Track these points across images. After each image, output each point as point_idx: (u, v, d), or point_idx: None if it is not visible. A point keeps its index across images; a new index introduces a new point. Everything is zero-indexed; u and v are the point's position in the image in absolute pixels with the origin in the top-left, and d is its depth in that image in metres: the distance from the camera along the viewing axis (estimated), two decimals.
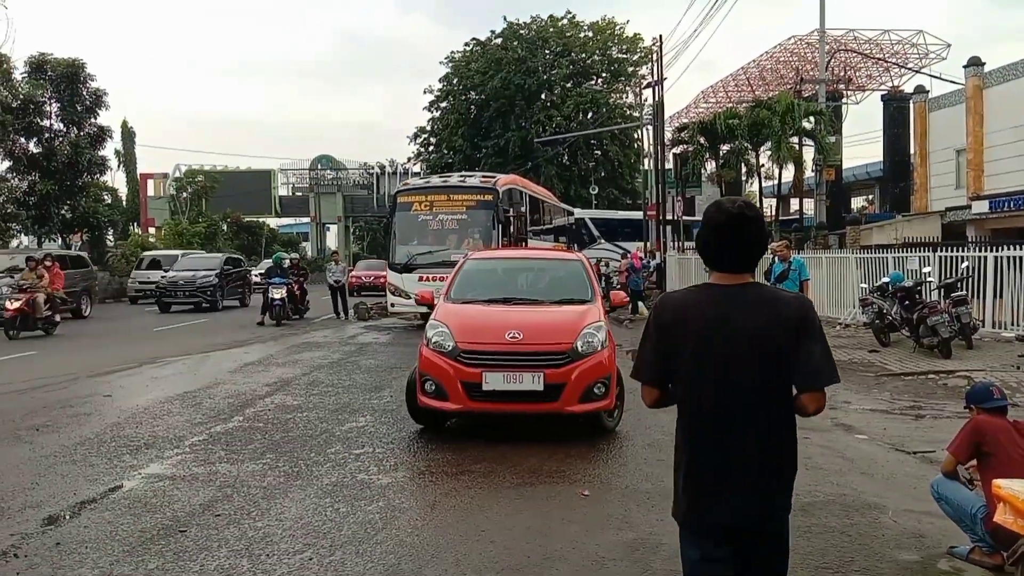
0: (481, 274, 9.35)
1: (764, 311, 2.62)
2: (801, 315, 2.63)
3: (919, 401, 9.70)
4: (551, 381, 7.16)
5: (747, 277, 2.72)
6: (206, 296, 25.82)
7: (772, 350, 2.59)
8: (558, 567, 4.51)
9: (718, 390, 2.63)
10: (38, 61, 33.00)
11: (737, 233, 2.67)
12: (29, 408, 9.26)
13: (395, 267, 18.74)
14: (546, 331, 7.56)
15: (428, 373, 7.48)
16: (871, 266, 17.42)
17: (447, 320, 7.78)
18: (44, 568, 4.50)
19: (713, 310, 2.66)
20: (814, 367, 2.61)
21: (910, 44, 38.84)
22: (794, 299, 2.75)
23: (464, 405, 7.35)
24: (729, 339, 2.61)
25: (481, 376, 7.18)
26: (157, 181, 57.63)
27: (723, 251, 2.70)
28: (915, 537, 5.03)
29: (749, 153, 32.31)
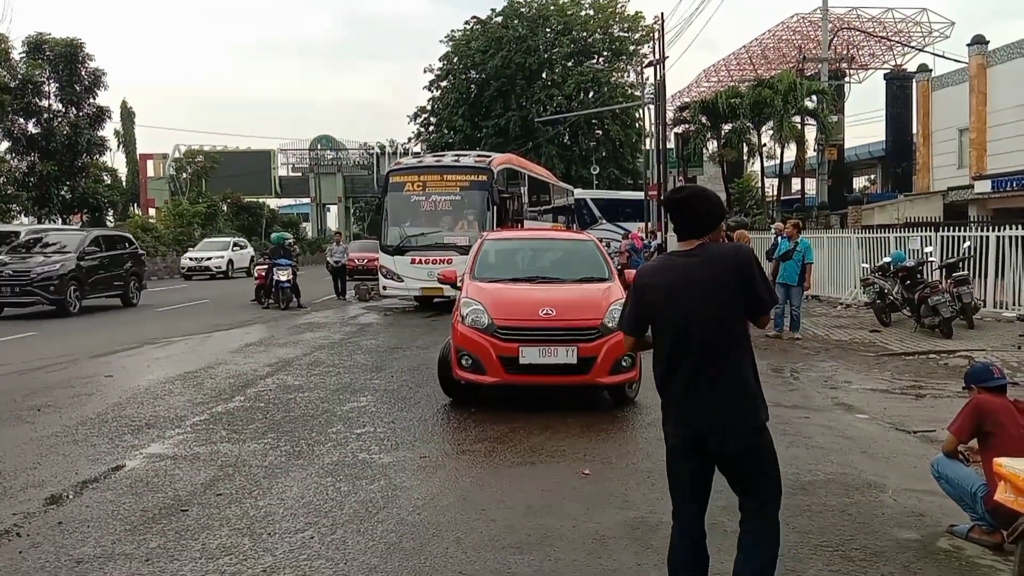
0: (500, 254, 9.72)
1: (715, 263, 3.35)
2: (744, 262, 3.38)
3: (920, 381, 9.70)
4: (584, 355, 7.55)
5: (697, 242, 3.42)
6: (46, 295, 17.51)
7: (725, 292, 3.31)
8: (558, 545, 4.53)
9: (687, 329, 3.32)
10: (36, 41, 32.85)
11: (685, 210, 3.43)
12: (30, 388, 9.28)
13: (387, 249, 18.41)
14: (576, 308, 7.93)
15: (465, 348, 7.81)
16: (873, 246, 17.40)
17: (480, 297, 8.10)
18: (47, 547, 4.52)
19: (678, 269, 3.41)
20: (761, 296, 3.37)
21: (913, 22, 38.63)
22: (735, 250, 3.49)
23: (501, 378, 7.70)
24: (690, 288, 3.33)
25: (518, 350, 7.56)
26: (157, 161, 57.47)
27: (678, 224, 3.48)
28: (915, 516, 5.04)
29: (751, 132, 32.16)
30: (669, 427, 3.43)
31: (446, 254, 17.31)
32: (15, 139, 32.50)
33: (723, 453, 3.32)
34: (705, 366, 3.29)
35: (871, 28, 38.86)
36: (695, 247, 3.40)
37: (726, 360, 3.30)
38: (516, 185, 21.09)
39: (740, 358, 3.33)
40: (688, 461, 3.38)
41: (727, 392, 3.29)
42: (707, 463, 3.37)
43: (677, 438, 3.39)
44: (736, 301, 3.32)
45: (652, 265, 3.69)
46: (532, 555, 4.39)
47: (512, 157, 23.16)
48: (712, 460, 3.36)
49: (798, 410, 8.00)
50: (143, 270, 22.26)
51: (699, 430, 3.31)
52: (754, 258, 3.47)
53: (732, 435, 3.29)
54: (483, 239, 10.12)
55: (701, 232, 3.42)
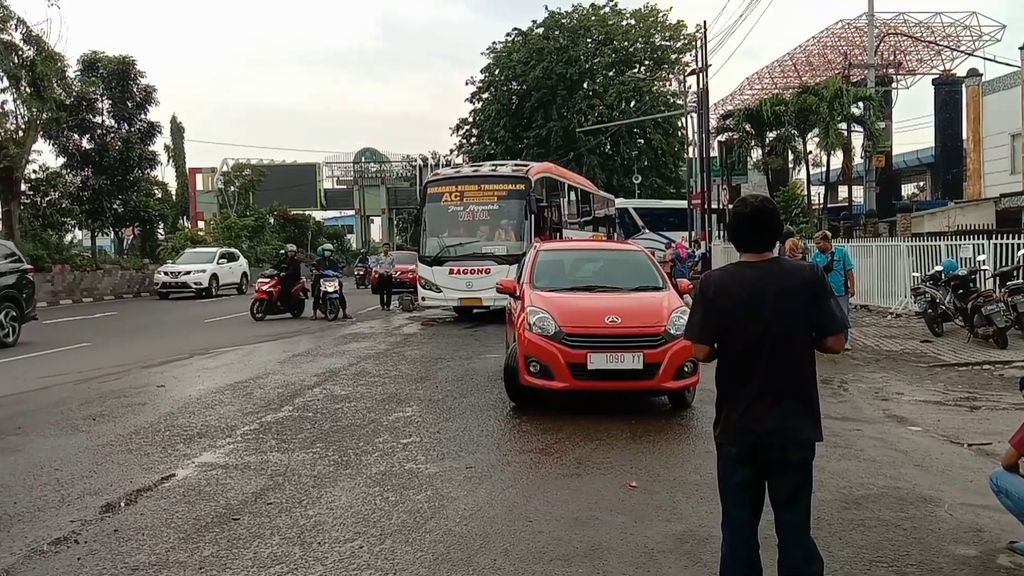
0: (556, 264, 9.93)
1: (789, 278, 3.40)
2: (817, 280, 3.43)
3: (974, 392, 9.47)
4: (649, 360, 7.80)
5: (769, 254, 3.48)
6: None
7: (796, 307, 3.35)
8: (606, 558, 4.50)
9: (759, 341, 3.35)
10: (90, 59, 33.74)
11: (756, 222, 3.45)
12: (85, 398, 9.50)
13: (425, 260, 18.38)
14: (640, 315, 8.21)
15: (533, 355, 8.06)
16: (923, 254, 17.05)
17: (546, 306, 8.38)
18: (103, 554, 4.61)
19: (751, 281, 3.42)
20: (832, 317, 3.39)
21: (962, 26, 37.84)
22: (809, 268, 3.55)
23: (569, 383, 7.95)
24: (765, 300, 3.36)
25: (586, 357, 7.81)
26: (205, 175, 58.53)
27: (746, 236, 3.48)
28: (973, 531, 4.91)
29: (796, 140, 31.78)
30: (727, 435, 3.45)
31: (484, 264, 17.32)
32: (70, 155, 33.36)
33: (780, 465, 3.36)
34: (773, 378, 3.34)
35: (919, 33, 38.17)
36: (768, 259, 3.46)
37: (794, 374, 3.36)
38: (555, 195, 20.91)
39: (807, 374, 3.40)
40: (742, 468, 3.41)
41: (792, 406, 3.35)
42: (760, 473, 3.40)
43: (735, 446, 3.42)
44: (806, 317, 3.36)
45: (722, 274, 3.65)
46: (580, 567, 4.38)
47: (550, 166, 22.97)
48: (765, 471, 3.39)
49: (849, 422, 7.86)
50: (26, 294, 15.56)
51: (760, 441, 3.36)
52: (824, 277, 3.53)
53: (793, 448, 3.35)
54: (537, 249, 10.34)
55: (770, 244, 3.48)
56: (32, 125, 27.76)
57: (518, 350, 8.28)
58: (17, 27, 25.26)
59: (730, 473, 3.47)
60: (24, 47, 25.57)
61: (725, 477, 3.50)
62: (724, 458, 3.49)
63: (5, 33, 25.01)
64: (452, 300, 18.01)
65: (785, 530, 3.42)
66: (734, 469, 3.44)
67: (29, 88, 25.74)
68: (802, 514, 3.41)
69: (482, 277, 17.17)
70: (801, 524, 3.41)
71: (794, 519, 3.40)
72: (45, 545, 4.77)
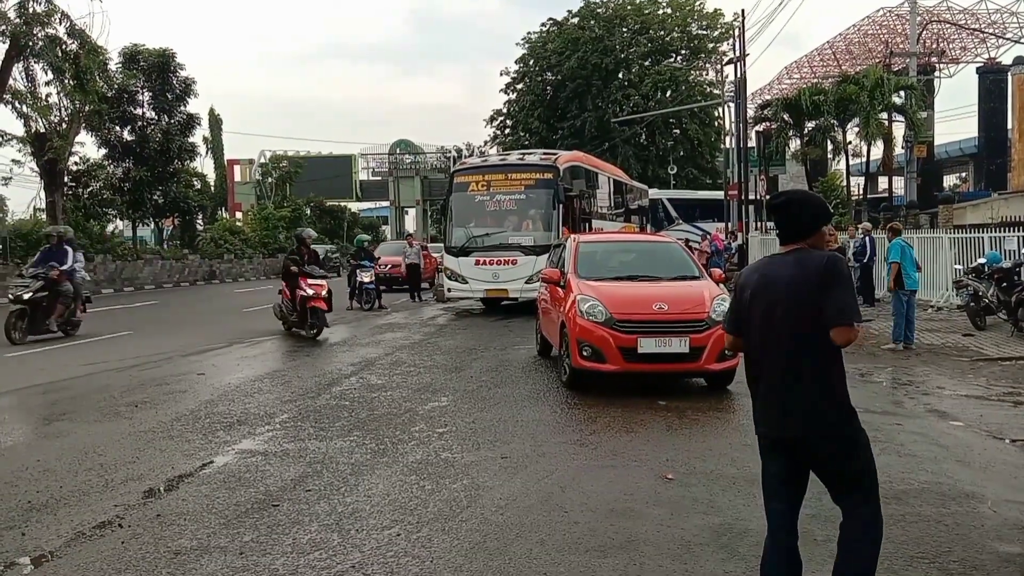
0: (597, 255, 10.41)
1: (802, 267, 3.34)
2: (827, 267, 3.29)
3: (1017, 387, 9.28)
4: (695, 344, 8.31)
5: (796, 245, 3.44)
6: None
7: (807, 297, 3.28)
8: (643, 550, 4.49)
9: (765, 332, 3.40)
10: (131, 52, 34.29)
11: (783, 215, 3.49)
12: (127, 386, 9.68)
13: (451, 250, 18.13)
14: (684, 302, 8.70)
15: (586, 340, 8.57)
16: (965, 246, 16.72)
17: (595, 294, 8.86)
18: (146, 538, 4.71)
19: (767, 270, 3.50)
20: (838, 306, 3.22)
21: (1009, 13, 37.02)
22: (822, 255, 3.40)
23: (620, 366, 8.44)
24: (775, 289, 3.38)
25: (636, 341, 8.32)
26: (243, 167, 59.32)
27: (778, 227, 3.55)
28: (1018, 529, 4.82)
29: (836, 130, 31.37)
30: (756, 425, 3.53)
31: (511, 255, 17.16)
32: (111, 146, 33.96)
33: (809, 455, 3.36)
34: (787, 368, 3.34)
35: (963, 20, 37.42)
36: (791, 250, 3.46)
37: (808, 364, 3.31)
38: (585, 184, 20.43)
39: (824, 363, 3.31)
40: (775, 457, 3.45)
41: (807, 396, 3.30)
42: (795, 462, 3.40)
43: (760, 436, 3.52)
44: (814, 303, 3.27)
45: (752, 266, 3.78)
46: (616, 559, 4.37)
47: (580, 155, 22.50)
48: (800, 460, 3.39)
49: (889, 416, 7.75)
50: None
51: (780, 431, 3.39)
52: (843, 267, 3.41)
53: (812, 439, 3.32)
54: (576, 241, 10.70)
55: (799, 236, 3.45)
56: (75, 117, 28.28)
57: (570, 335, 8.76)
58: (61, 21, 25.71)
59: (765, 463, 3.51)
60: (68, 40, 26.02)
61: (762, 466, 3.55)
62: (760, 448, 3.55)
63: (50, 27, 25.46)
64: (478, 292, 17.84)
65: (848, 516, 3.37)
66: (768, 458, 3.49)
67: (73, 81, 26.21)
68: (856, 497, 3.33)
69: (509, 268, 17.06)
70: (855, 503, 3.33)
71: (848, 503, 3.35)
72: (89, 529, 4.88)
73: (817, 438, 3.31)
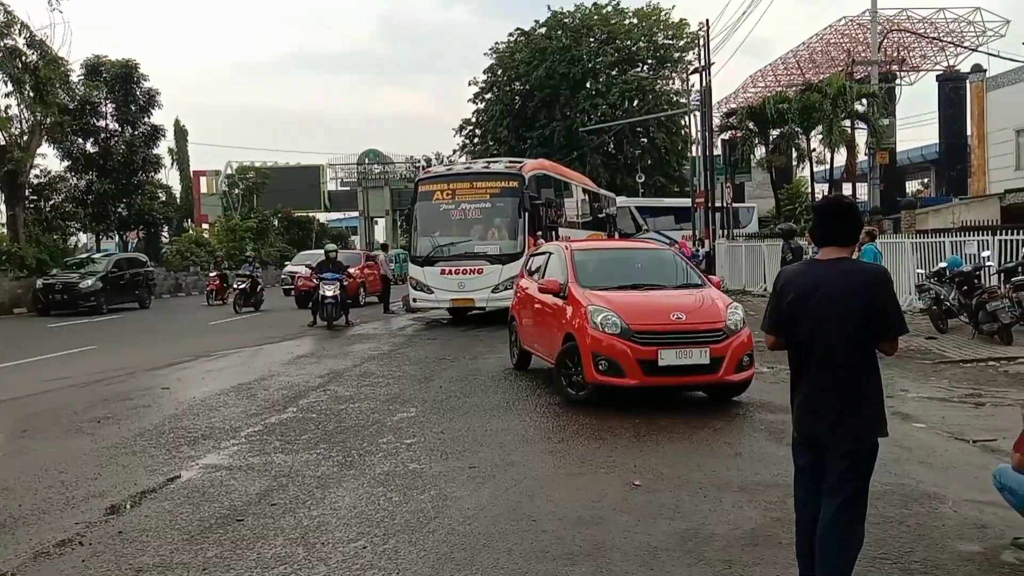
0: (595, 263, 9.88)
1: (851, 278, 3.50)
2: (880, 282, 3.53)
3: (979, 389, 9.44)
4: (715, 355, 7.99)
5: (842, 252, 3.59)
6: None
7: (854, 309, 3.44)
8: (610, 556, 4.50)
9: (812, 336, 3.54)
10: (94, 63, 33.85)
11: (838, 220, 3.60)
12: (90, 401, 9.52)
13: (416, 260, 17.95)
14: (701, 312, 8.38)
15: (602, 352, 8.12)
16: (927, 251, 16.99)
17: (607, 304, 8.41)
18: (108, 556, 4.62)
19: (814, 276, 3.59)
20: (889, 322, 3.49)
21: (966, 22, 37.81)
22: (872, 270, 3.64)
23: (640, 380, 8.05)
24: (819, 300, 3.50)
25: (656, 353, 7.94)
26: (209, 178, 58.67)
27: (825, 232, 3.62)
28: (977, 527, 4.90)
29: (800, 137, 31.72)
30: (793, 421, 3.76)
31: (476, 264, 17.02)
32: (74, 158, 33.46)
33: (831, 454, 3.55)
34: (827, 373, 3.53)
35: (922, 29, 38.12)
36: (837, 258, 3.59)
37: (847, 371, 3.50)
38: (551, 192, 20.33)
39: (862, 371, 3.51)
40: (804, 452, 3.71)
41: (840, 402, 3.50)
42: (820, 460, 3.62)
43: (796, 432, 3.75)
44: (863, 318, 3.46)
45: (794, 269, 3.87)
46: (583, 566, 4.37)
47: (545, 163, 22.41)
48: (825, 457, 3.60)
49: None
50: None
51: (812, 433, 3.63)
52: (891, 282, 3.66)
53: (840, 441, 3.52)
54: (569, 248, 10.18)
55: (847, 242, 3.62)
56: (36, 129, 27.84)
57: (581, 349, 8.32)
58: (20, 32, 25.29)
59: (796, 455, 3.78)
60: (28, 51, 25.62)
61: (793, 458, 3.81)
62: (793, 441, 3.81)
63: (8, 38, 25.05)
64: (444, 301, 17.67)
65: (822, 513, 3.57)
66: (798, 452, 3.76)
67: (32, 92, 25.80)
68: (839, 502, 3.52)
69: (475, 277, 16.94)
70: (834, 510, 3.52)
71: (830, 505, 3.54)
72: (50, 547, 4.78)
73: (843, 441, 3.51)
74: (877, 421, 3.56)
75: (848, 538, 3.54)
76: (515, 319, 11.26)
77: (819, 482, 3.63)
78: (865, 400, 3.52)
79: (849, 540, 3.55)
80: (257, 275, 24.42)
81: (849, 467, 3.53)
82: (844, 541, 3.54)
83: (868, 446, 3.56)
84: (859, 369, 3.51)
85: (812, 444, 3.64)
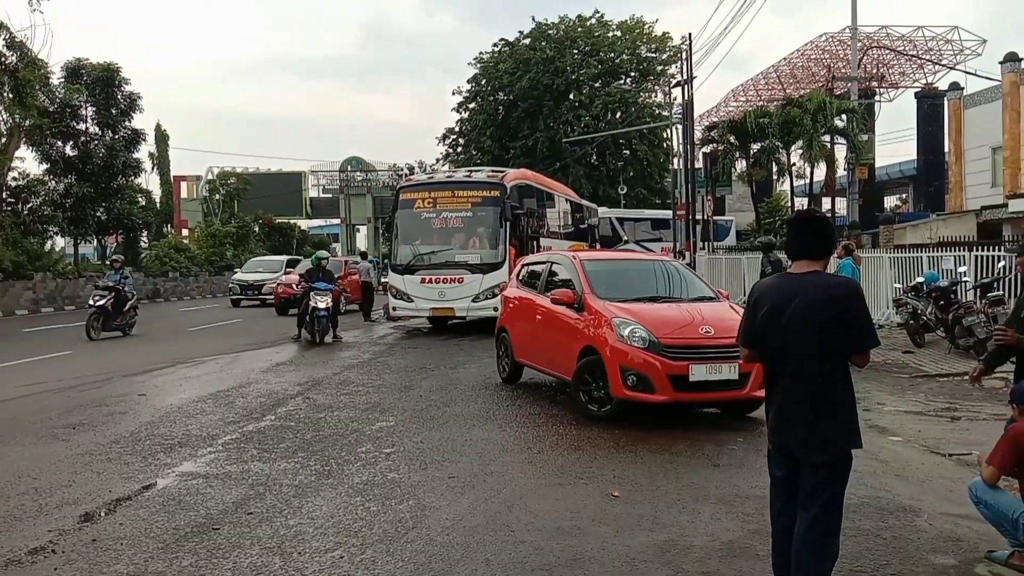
0: (606, 275, 9.45)
1: (822, 291, 3.53)
2: (853, 296, 3.57)
3: (955, 403, 9.53)
4: (743, 370, 7.72)
5: (814, 266, 3.64)
6: None
7: (827, 321, 3.48)
8: (588, 567, 4.49)
9: (784, 348, 3.58)
10: (74, 66, 33.54)
11: (810, 232, 3.67)
12: (65, 407, 9.41)
13: (396, 268, 17.84)
14: (725, 325, 7.92)
15: (630, 367, 7.86)
16: (905, 266, 17.16)
17: (632, 317, 8.15)
18: (81, 564, 4.57)
19: (786, 289, 3.63)
20: (862, 335, 3.53)
21: (944, 40, 38.32)
22: (844, 283, 3.71)
23: (670, 396, 7.82)
24: (792, 313, 3.53)
25: (687, 368, 7.73)
26: (190, 183, 58.41)
27: (799, 245, 3.69)
28: (951, 541, 4.94)
29: (780, 152, 32.01)
30: (768, 432, 3.81)
31: (457, 273, 16.93)
32: (53, 161, 33.12)
33: (805, 465, 3.60)
34: (800, 385, 3.57)
35: (901, 47, 38.60)
36: (809, 271, 3.64)
37: (820, 382, 3.54)
38: (533, 202, 20.33)
39: (835, 383, 3.55)
40: (779, 463, 3.75)
41: (812, 414, 3.54)
42: (795, 471, 3.67)
43: (770, 443, 3.80)
44: (835, 331, 3.50)
45: (767, 282, 3.94)
46: None
47: (527, 173, 22.35)
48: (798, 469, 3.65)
49: None
50: None
51: (785, 444, 3.68)
52: (860, 295, 3.70)
53: (813, 452, 3.56)
54: (578, 259, 9.81)
55: (820, 255, 3.68)
56: (14, 132, 27.58)
57: (607, 363, 8.00)
58: (0, 33, 25.08)
59: (771, 466, 3.82)
60: (7, 53, 25.41)
61: (769, 469, 3.85)
62: (768, 452, 3.84)
63: None
64: (424, 310, 17.62)
65: (797, 524, 3.61)
66: (773, 463, 3.79)
67: (12, 94, 25.57)
68: (813, 513, 3.56)
69: (455, 287, 16.87)
70: (809, 522, 3.56)
71: (804, 516, 3.58)
72: (22, 555, 4.72)
73: (815, 452, 3.56)
74: (850, 432, 3.61)
75: (823, 549, 3.57)
76: (506, 331, 10.82)
77: (795, 494, 3.66)
78: (838, 411, 3.56)
79: (824, 551, 3.57)
80: (126, 288, 18.16)
81: (823, 478, 3.56)
82: (819, 552, 3.56)
83: (841, 457, 3.59)
84: (832, 380, 3.55)
85: (787, 455, 3.68)
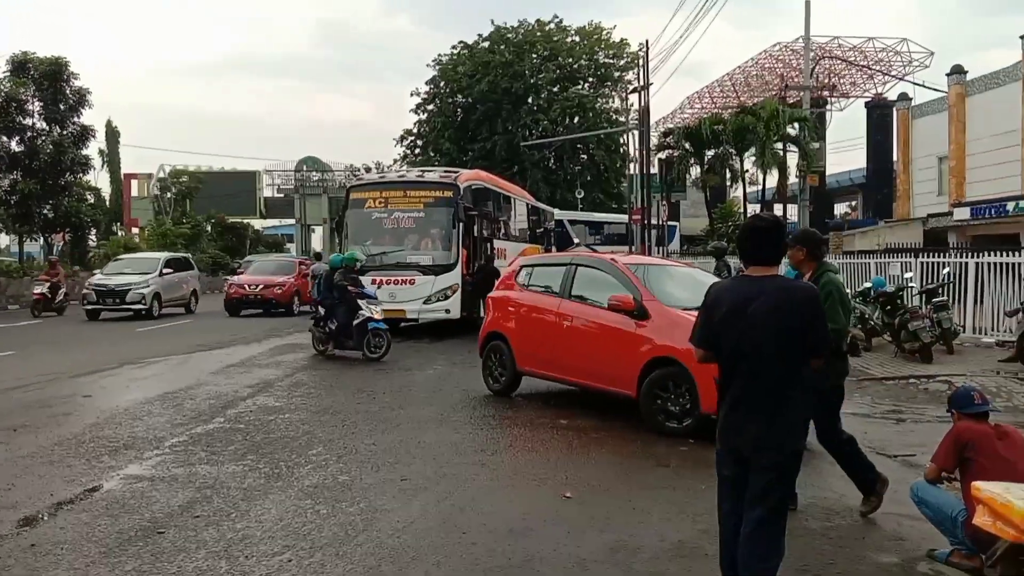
0: (655, 281, 8.79)
1: (779, 295, 3.56)
2: (814, 299, 3.65)
3: (900, 405, 9.75)
4: None
5: (771, 270, 3.67)
6: None
7: (785, 324, 3.52)
8: (540, 568, 4.50)
9: (738, 351, 3.59)
10: (20, 60, 32.65)
11: (765, 239, 3.68)
12: (6, 408, 9.15)
13: None
14: None
15: None
16: (853, 272, 17.52)
17: None
18: (18, 570, 4.44)
19: (743, 292, 3.64)
20: (819, 337, 3.61)
21: (894, 52, 39.19)
22: (804, 286, 3.75)
23: None
24: (751, 315, 3.54)
25: None
26: (141, 181, 57.19)
27: (753, 251, 3.69)
28: (895, 540, 5.05)
29: (734, 158, 32.46)
30: (718, 433, 3.78)
31: (408, 274, 16.69)
32: None
33: (754, 466, 3.62)
34: (754, 386, 3.60)
35: (852, 57, 39.40)
36: (767, 275, 3.68)
37: (774, 384, 3.57)
38: (488, 203, 20.13)
39: (789, 385, 3.59)
40: (728, 464, 3.75)
41: (764, 414, 3.57)
42: (745, 471, 3.67)
43: (720, 444, 3.78)
44: (791, 333, 3.54)
45: (724, 284, 3.97)
46: None
47: (482, 174, 22.11)
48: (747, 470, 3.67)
49: None
50: None
51: (735, 445, 3.68)
52: (819, 299, 3.75)
53: (763, 452, 3.58)
54: (617, 262, 9.19)
55: (774, 261, 3.73)
56: None
57: (696, 374, 7.33)
58: None
59: (720, 466, 3.81)
60: None
61: (717, 470, 3.83)
62: (717, 452, 3.82)
63: None
64: None
65: (744, 524, 3.64)
66: (723, 463, 3.79)
67: None
68: (760, 513, 3.58)
69: (406, 288, 16.62)
70: (756, 522, 3.59)
71: (751, 516, 3.61)
72: None
73: (765, 452, 3.58)
74: (801, 434, 3.69)
75: (769, 549, 3.61)
76: (503, 338, 10.00)
77: (743, 494, 3.69)
78: (791, 413, 3.61)
79: (770, 551, 3.62)
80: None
81: (774, 479, 3.61)
82: (765, 552, 3.60)
83: (791, 457, 3.64)
84: (786, 382, 3.58)
85: (736, 456, 3.70)
